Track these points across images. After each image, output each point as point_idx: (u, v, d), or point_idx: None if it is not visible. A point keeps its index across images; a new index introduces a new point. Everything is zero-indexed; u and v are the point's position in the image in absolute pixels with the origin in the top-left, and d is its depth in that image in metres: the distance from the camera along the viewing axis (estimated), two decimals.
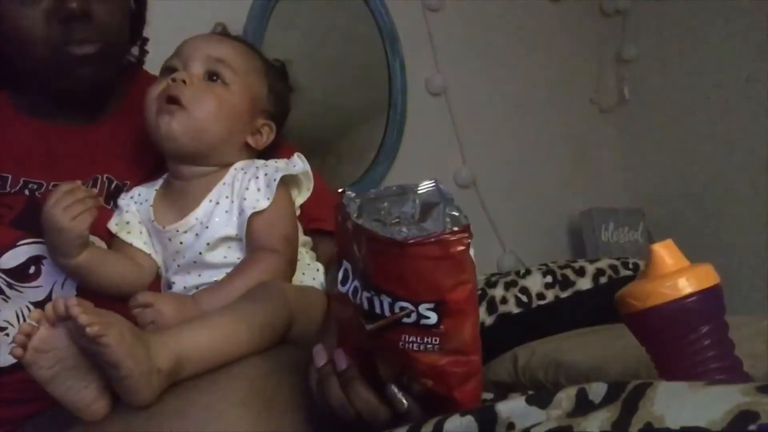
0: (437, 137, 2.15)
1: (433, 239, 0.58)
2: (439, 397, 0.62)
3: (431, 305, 0.58)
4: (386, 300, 0.59)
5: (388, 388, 0.63)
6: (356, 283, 0.62)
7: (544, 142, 2.38)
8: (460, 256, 0.58)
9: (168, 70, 0.92)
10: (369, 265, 0.60)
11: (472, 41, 2.25)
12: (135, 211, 0.93)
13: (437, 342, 0.59)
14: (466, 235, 0.58)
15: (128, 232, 0.92)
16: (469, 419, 0.56)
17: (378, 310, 0.60)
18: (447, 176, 2.17)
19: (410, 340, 0.59)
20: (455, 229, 0.58)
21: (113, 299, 0.81)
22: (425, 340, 0.59)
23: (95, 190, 0.87)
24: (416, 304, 0.58)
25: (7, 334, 0.86)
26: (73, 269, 0.85)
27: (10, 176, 0.92)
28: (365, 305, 0.61)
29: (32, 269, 0.88)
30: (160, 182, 0.95)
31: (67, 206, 0.80)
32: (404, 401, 0.62)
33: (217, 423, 0.66)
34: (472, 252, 0.60)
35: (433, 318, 0.59)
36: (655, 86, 2.48)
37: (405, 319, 0.59)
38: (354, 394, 0.64)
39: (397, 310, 0.59)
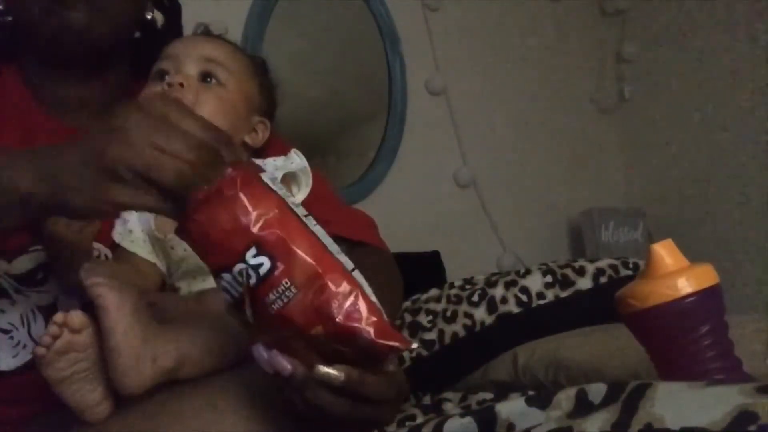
0: (437, 137, 2.15)
1: (203, 197, 0.59)
2: (342, 338, 0.58)
3: (253, 251, 0.57)
4: (226, 275, 0.59)
5: (316, 371, 0.59)
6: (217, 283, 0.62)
7: (544, 142, 2.38)
8: (236, 195, 0.58)
9: (159, 73, 0.91)
10: (199, 255, 0.61)
11: (472, 41, 2.25)
12: (136, 220, 0.92)
13: (289, 284, 0.57)
14: (235, 173, 0.59)
15: (132, 241, 0.91)
16: (469, 420, 0.56)
17: (233, 292, 0.59)
18: (447, 176, 2.17)
19: (271, 299, 0.58)
20: (218, 177, 0.59)
21: None
22: (280, 290, 0.57)
23: None
24: (242, 258, 0.57)
25: (12, 337, 0.86)
26: (78, 285, 0.85)
27: None
28: (227, 297, 0.60)
29: (40, 275, 0.88)
30: None
31: (70, 221, 0.79)
32: (338, 373, 0.60)
33: (218, 425, 0.67)
34: (267, 182, 0.60)
35: (266, 261, 0.57)
36: (655, 86, 2.48)
37: (251, 282, 0.58)
38: (314, 398, 0.61)
39: (239, 276, 0.58)
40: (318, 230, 0.62)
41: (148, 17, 1.01)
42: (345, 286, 0.59)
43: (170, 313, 0.81)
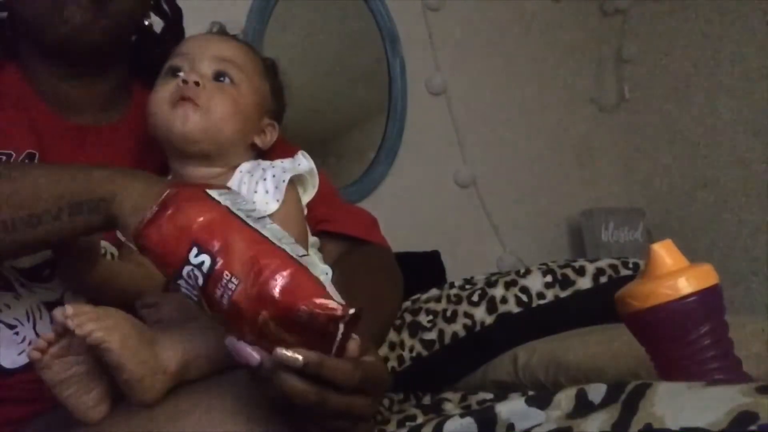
0: (437, 137, 2.15)
1: (150, 214, 0.64)
2: (286, 320, 0.60)
3: (195, 251, 0.62)
4: (180, 281, 0.63)
5: (274, 354, 0.60)
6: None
7: (544, 142, 2.38)
8: (178, 205, 0.64)
9: (172, 70, 0.91)
10: (158, 268, 0.66)
11: (472, 41, 2.25)
12: None
13: (230, 275, 0.60)
14: (178, 191, 0.65)
15: None
16: (469, 420, 0.56)
17: (191, 296, 0.63)
18: (447, 176, 2.17)
19: (219, 294, 0.61)
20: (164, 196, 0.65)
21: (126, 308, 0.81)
22: (223, 283, 0.60)
23: None
24: (187, 260, 0.62)
25: (17, 333, 0.86)
26: (87, 287, 0.85)
27: (37, 153, 0.91)
28: (191, 303, 0.64)
29: (46, 272, 0.87)
30: None
31: None
32: (297, 356, 0.60)
33: (216, 426, 0.67)
34: (215, 194, 0.66)
35: (207, 259, 0.61)
36: (655, 86, 2.48)
37: (199, 282, 0.61)
38: (283, 386, 0.61)
39: (189, 279, 0.62)
40: (271, 228, 0.65)
41: (146, 23, 1.01)
42: (280, 266, 0.61)
43: (171, 313, 0.81)
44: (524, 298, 1.34)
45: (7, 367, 0.85)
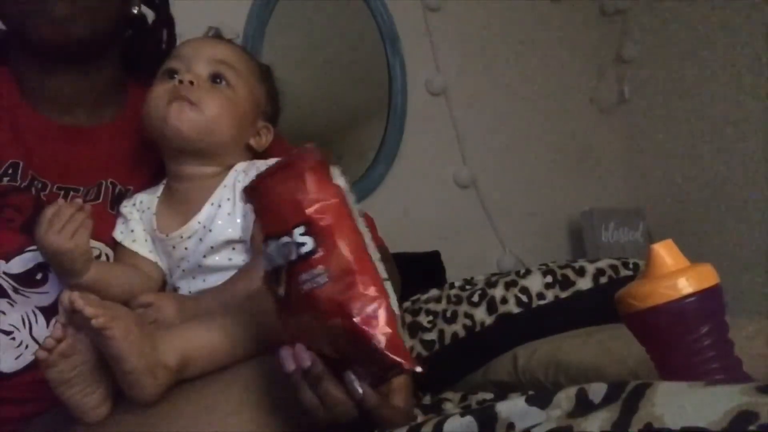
0: (437, 137, 2.15)
1: (276, 167, 0.64)
2: (355, 338, 0.61)
3: (302, 229, 0.61)
4: (272, 243, 0.62)
5: (347, 375, 0.62)
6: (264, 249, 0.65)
7: (545, 142, 2.38)
8: (303, 173, 0.62)
9: (169, 72, 0.91)
10: (257, 218, 0.66)
11: (472, 41, 2.25)
12: (138, 219, 0.92)
13: (323, 270, 0.60)
14: (308, 155, 0.64)
15: (133, 240, 0.91)
16: (469, 419, 0.56)
17: (274, 261, 0.62)
18: (447, 176, 2.17)
19: (304, 279, 0.61)
20: (293, 153, 0.64)
21: None
22: (314, 273, 0.61)
23: (81, 202, 0.83)
24: (290, 232, 0.61)
25: (14, 338, 0.86)
26: (82, 288, 0.85)
27: (21, 163, 0.91)
28: (267, 266, 0.63)
29: (39, 276, 0.87)
30: (160, 188, 0.94)
31: (61, 227, 0.79)
32: (359, 389, 0.62)
33: (218, 426, 0.67)
34: (336, 174, 0.64)
35: (309, 243, 0.61)
36: (655, 86, 2.48)
37: (291, 257, 0.61)
38: (324, 394, 0.63)
39: (282, 248, 0.61)
40: (366, 233, 0.64)
41: (134, 12, 1.01)
42: (372, 291, 0.61)
43: (168, 313, 0.82)
44: (524, 298, 1.34)
45: (6, 371, 0.85)
